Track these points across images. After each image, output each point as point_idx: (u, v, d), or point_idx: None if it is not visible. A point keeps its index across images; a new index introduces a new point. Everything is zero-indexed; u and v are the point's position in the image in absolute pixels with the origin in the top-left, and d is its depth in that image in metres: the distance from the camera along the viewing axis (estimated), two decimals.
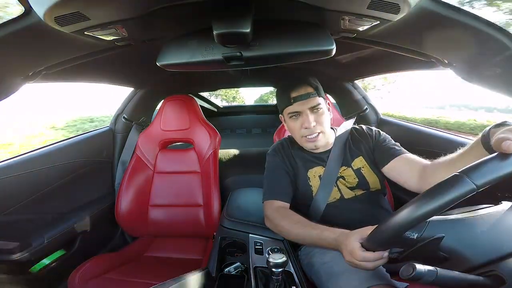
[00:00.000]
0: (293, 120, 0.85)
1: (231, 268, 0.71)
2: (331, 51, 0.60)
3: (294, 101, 0.82)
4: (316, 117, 0.83)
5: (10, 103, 9.83)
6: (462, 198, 0.35)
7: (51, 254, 1.01)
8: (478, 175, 0.34)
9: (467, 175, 0.35)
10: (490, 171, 0.35)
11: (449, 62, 0.67)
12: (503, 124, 0.50)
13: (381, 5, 0.46)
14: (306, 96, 0.81)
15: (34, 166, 0.97)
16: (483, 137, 0.53)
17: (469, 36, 0.53)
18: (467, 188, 0.34)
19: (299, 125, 0.83)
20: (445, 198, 0.35)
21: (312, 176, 0.88)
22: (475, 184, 0.34)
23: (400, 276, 0.41)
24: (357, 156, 0.88)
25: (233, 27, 0.51)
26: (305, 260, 0.82)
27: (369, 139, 0.90)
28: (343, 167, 0.87)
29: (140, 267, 1.06)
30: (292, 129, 0.87)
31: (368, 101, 1.44)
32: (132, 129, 1.41)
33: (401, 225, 0.40)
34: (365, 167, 0.86)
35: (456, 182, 0.35)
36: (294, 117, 0.84)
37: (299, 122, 0.84)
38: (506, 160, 0.35)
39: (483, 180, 0.34)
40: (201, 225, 1.24)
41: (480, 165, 0.35)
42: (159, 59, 0.64)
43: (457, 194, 0.35)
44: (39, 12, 0.44)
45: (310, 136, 0.83)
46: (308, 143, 0.85)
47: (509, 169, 0.34)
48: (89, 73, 1.01)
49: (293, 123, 0.85)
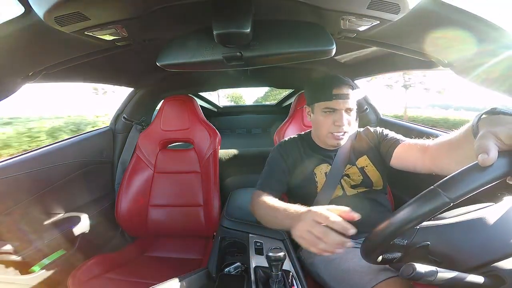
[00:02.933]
0: (326, 116, 0.86)
1: (231, 268, 0.71)
2: (331, 51, 0.60)
3: (335, 98, 0.83)
4: (349, 119, 0.85)
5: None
6: (439, 210, 0.37)
7: (51, 254, 1.01)
8: (452, 189, 0.36)
9: (442, 189, 0.36)
10: (463, 185, 0.35)
11: (449, 62, 0.67)
12: (492, 112, 0.45)
13: (381, 5, 0.46)
14: (346, 96, 0.83)
15: (34, 166, 0.97)
16: (472, 128, 0.48)
17: (469, 36, 0.53)
18: (441, 201, 0.36)
19: (331, 121, 0.84)
20: (422, 211, 0.38)
21: (319, 172, 0.89)
22: (449, 198, 0.36)
23: (400, 276, 0.41)
24: (361, 155, 0.91)
25: (233, 27, 0.51)
26: (308, 260, 0.83)
27: (374, 138, 0.92)
28: (348, 165, 0.89)
29: (140, 267, 1.06)
30: (321, 123, 0.87)
31: (368, 101, 1.44)
32: (132, 129, 1.41)
33: (385, 235, 0.42)
34: (369, 165, 0.89)
35: (432, 196, 0.37)
36: (328, 113, 0.85)
37: (331, 118, 0.85)
38: (480, 173, 0.35)
39: (457, 193, 0.35)
40: (201, 225, 1.24)
41: (453, 179, 0.36)
42: (159, 59, 0.64)
43: (432, 208, 0.37)
44: (39, 12, 0.44)
45: (338, 133, 0.85)
46: (333, 140, 0.86)
47: (482, 181, 0.35)
48: (89, 73, 1.01)
49: (324, 118, 0.86)
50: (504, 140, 0.36)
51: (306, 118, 1.27)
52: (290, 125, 1.28)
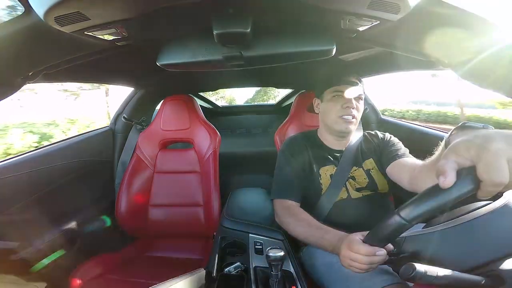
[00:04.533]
0: (334, 100, 0.86)
1: (231, 268, 0.71)
2: (331, 51, 0.60)
3: (344, 83, 0.85)
4: (357, 104, 0.86)
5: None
6: (400, 232, 0.42)
7: (51, 254, 1.01)
8: (408, 213, 0.39)
9: (399, 214, 0.40)
10: (417, 209, 0.38)
11: (449, 62, 0.67)
12: (461, 128, 0.46)
13: (381, 5, 0.46)
14: (354, 83, 0.85)
15: (34, 166, 0.97)
16: (445, 144, 0.51)
17: (470, 36, 0.53)
18: (400, 224, 0.40)
19: (339, 105, 0.85)
20: (386, 234, 0.44)
21: (324, 174, 0.89)
22: (406, 221, 0.39)
23: (400, 276, 0.41)
24: (368, 157, 0.91)
25: (233, 27, 0.51)
26: (308, 261, 0.83)
27: (381, 143, 0.93)
28: (354, 167, 0.89)
29: (140, 267, 1.06)
30: (330, 109, 0.88)
31: (368, 101, 1.44)
32: (132, 129, 1.41)
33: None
34: (375, 169, 0.89)
35: (392, 220, 0.41)
36: (336, 97, 0.86)
37: (339, 102, 0.85)
38: (434, 197, 0.36)
39: (412, 216, 0.39)
40: (201, 225, 1.24)
41: (410, 204, 0.40)
42: (159, 59, 0.64)
43: (393, 230, 0.42)
44: (39, 12, 0.44)
45: (347, 116, 0.85)
46: (343, 124, 0.86)
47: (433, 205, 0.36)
48: (89, 73, 1.01)
49: (333, 103, 0.87)
50: (463, 154, 0.33)
51: (306, 118, 1.27)
52: (290, 125, 1.28)
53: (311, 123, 1.26)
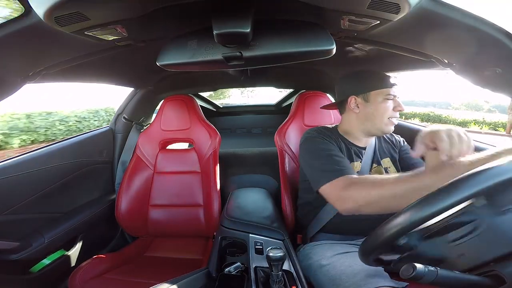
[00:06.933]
0: (387, 103, 0.86)
1: (231, 268, 0.71)
2: (331, 51, 0.60)
3: (393, 85, 0.86)
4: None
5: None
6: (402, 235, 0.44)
7: (51, 254, 1.01)
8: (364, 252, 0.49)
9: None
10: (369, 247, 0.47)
11: (449, 62, 0.67)
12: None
13: (381, 5, 0.46)
14: (396, 85, 0.87)
15: (34, 166, 0.97)
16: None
17: (469, 36, 0.53)
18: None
19: (392, 107, 0.86)
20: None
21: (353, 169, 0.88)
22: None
23: (400, 276, 0.41)
24: (385, 156, 0.94)
25: (233, 27, 0.51)
26: (303, 262, 0.83)
27: (395, 146, 0.97)
28: (374, 164, 0.91)
29: (140, 267, 1.06)
30: (383, 110, 0.85)
31: None
32: (132, 129, 1.41)
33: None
34: (391, 168, 0.92)
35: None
36: (389, 100, 0.86)
37: (391, 104, 0.86)
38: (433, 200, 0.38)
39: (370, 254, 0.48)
40: (201, 225, 1.24)
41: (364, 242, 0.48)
42: (159, 59, 0.64)
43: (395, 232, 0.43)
44: (39, 12, 0.44)
45: (396, 118, 0.87)
46: (391, 126, 0.87)
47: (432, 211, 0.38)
48: (89, 73, 1.01)
49: (385, 105, 0.86)
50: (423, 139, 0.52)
51: (307, 118, 1.27)
52: (290, 125, 1.28)
53: (311, 123, 1.26)
